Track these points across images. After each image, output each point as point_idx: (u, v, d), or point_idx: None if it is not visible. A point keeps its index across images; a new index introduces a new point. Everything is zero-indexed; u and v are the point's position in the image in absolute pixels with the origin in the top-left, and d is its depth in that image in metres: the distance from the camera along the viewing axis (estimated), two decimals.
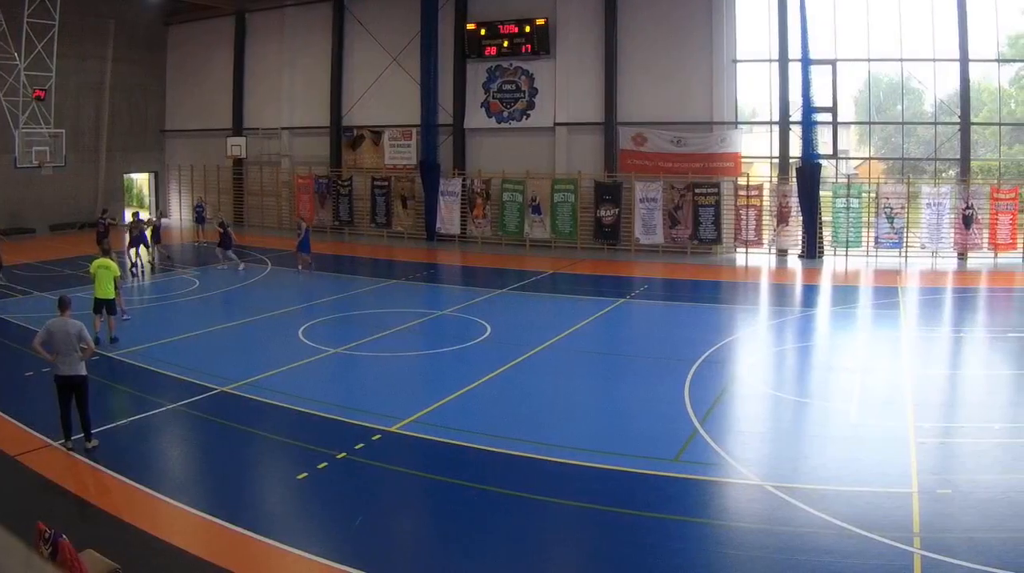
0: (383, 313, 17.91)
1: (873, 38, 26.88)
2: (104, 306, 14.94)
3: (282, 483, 9.41)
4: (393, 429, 10.68)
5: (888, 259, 26.11)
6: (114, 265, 15.11)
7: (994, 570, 7.04)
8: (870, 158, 28.93)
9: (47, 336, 9.68)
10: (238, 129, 33.61)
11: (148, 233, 24.29)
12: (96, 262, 15.23)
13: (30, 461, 9.53)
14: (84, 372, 9.82)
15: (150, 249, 24.53)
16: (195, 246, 29.05)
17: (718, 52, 27.31)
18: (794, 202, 26.48)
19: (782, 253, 27.15)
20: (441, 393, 12.24)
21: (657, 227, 27.55)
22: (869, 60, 27.40)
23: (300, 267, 23.32)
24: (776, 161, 27.42)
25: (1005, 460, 9.73)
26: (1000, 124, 28.41)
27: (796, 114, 26.56)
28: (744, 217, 27.01)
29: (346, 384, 13.21)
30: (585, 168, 28.55)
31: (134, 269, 22.96)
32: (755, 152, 28.30)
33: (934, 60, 26.66)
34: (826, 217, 26.81)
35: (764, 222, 27.07)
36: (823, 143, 26.73)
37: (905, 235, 26.05)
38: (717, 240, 27.26)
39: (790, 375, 14.30)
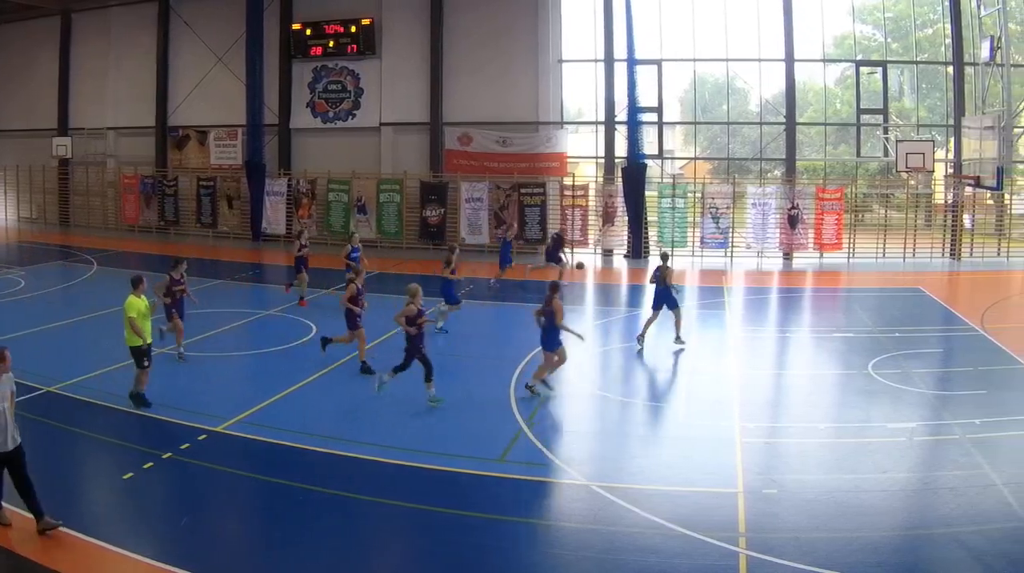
0: (208, 313, 17.37)
1: (699, 38, 26.89)
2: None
3: (108, 483, 9.36)
4: (219, 429, 10.70)
5: (714, 259, 26.04)
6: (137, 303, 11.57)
7: (819, 570, 7.09)
8: (696, 158, 29.00)
9: None
10: (63, 129, 32.50)
11: None
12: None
13: None
14: None
15: None
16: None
17: (544, 52, 27.12)
18: (620, 202, 26.30)
19: (607, 253, 26.94)
20: (267, 393, 12.24)
21: (483, 227, 27.12)
22: (695, 60, 27.45)
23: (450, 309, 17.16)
24: (602, 161, 27.26)
25: (830, 460, 9.87)
26: (826, 124, 28.74)
27: (622, 114, 26.42)
28: (570, 217, 26.70)
29: (172, 384, 12.96)
30: (411, 168, 28.05)
31: None
32: (581, 152, 28.11)
33: (759, 60, 26.76)
34: (651, 217, 26.63)
35: (590, 222, 26.84)
36: (648, 143, 26.67)
37: (731, 235, 25.99)
38: (543, 240, 26.86)
39: (616, 375, 14.25)
